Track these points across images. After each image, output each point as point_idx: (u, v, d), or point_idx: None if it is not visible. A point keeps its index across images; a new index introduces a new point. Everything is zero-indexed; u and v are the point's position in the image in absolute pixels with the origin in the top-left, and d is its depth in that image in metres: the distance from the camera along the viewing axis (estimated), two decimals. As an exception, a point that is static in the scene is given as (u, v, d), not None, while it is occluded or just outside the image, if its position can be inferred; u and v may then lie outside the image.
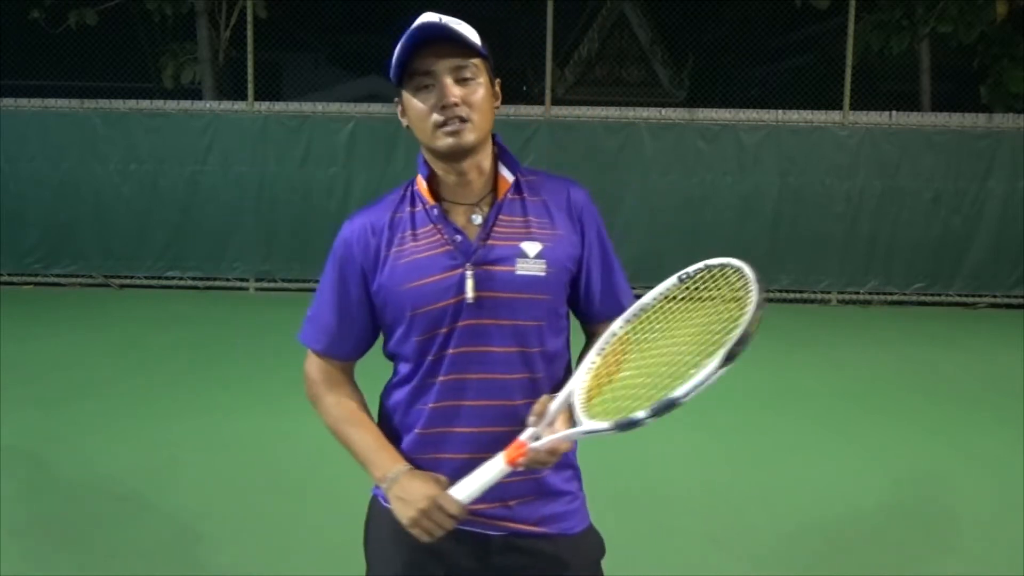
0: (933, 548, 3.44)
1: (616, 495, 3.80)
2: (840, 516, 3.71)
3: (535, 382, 1.49)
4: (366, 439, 1.53)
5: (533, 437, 1.36)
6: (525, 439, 1.36)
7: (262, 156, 9.05)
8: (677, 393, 1.23)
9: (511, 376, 1.48)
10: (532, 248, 1.48)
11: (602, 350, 1.44)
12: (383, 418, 1.59)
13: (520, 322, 1.48)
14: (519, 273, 1.46)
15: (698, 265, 1.41)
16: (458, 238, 1.47)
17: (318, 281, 1.59)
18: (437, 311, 1.46)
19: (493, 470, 1.36)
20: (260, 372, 6.02)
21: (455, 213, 1.51)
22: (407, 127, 1.51)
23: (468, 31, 1.45)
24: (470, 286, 1.45)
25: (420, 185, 1.53)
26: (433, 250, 1.48)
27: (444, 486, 1.39)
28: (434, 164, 1.51)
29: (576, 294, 1.57)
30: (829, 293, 9.22)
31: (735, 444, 4.66)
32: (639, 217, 8.96)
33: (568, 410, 1.38)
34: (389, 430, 1.56)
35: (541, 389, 1.48)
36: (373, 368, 1.74)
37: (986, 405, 5.51)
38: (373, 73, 17.05)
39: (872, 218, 9.01)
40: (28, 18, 10.36)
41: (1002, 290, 9.10)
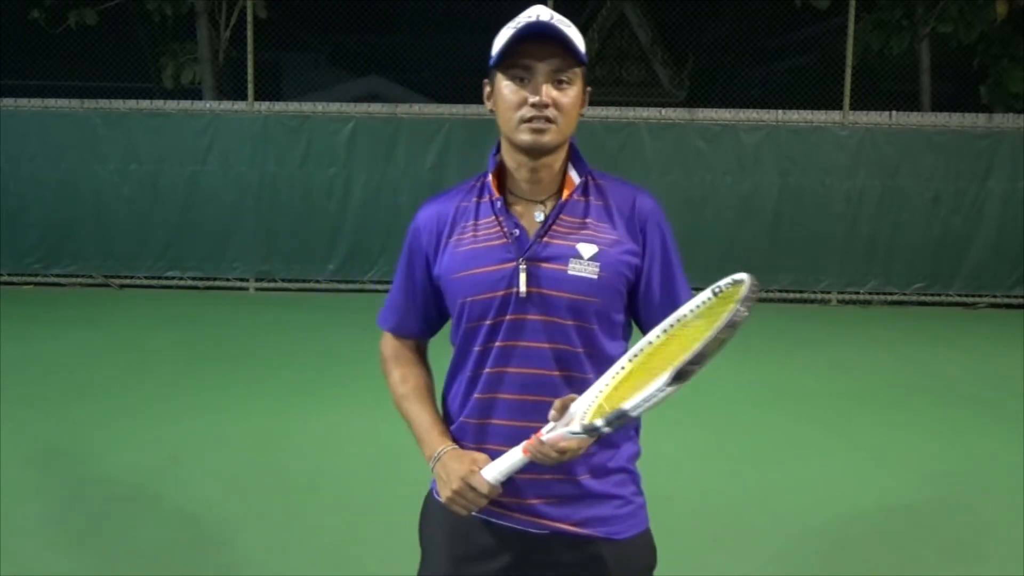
0: (933, 548, 3.44)
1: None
2: (840, 516, 3.70)
3: (583, 382, 1.46)
4: (421, 417, 1.58)
5: (550, 432, 1.37)
6: (543, 432, 1.37)
7: (262, 156, 9.04)
8: (627, 405, 1.24)
9: (550, 373, 1.49)
10: (587, 250, 1.49)
11: (635, 356, 1.41)
12: (443, 401, 1.64)
13: (566, 321, 1.48)
14: (571, 273, 1.47)
15: (727, 279, 1.36)
16: (516, 232, 1.49)
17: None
18: (486, 301, 1.49)
19: (514, 457, 1.39)
20: (260, 372, 6.01)
21: (519, 208, 1.53)
22: (491, 111, 1.53)
23: (575, 36, 1.47)
24: (523, 280, 1.47)
25: (490, 177, 1.55)
26: (491, 241, 1.51)
27: (481, 465, 1.43)
28: (508, 155, 1.53)
29: (635, 302, 1.56)
30: (829, 293, 9.22)
31: (735, 444, 4.66)
32: (639, 217, 8.94)
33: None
34: (445, 414, 1.62)
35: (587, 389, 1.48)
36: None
37: (986, 405, 5.51)
38: (373, 73, 17.05)
39: (872, 218, 9.01)
40: (28, 18, 10.37)
41: (1002, 290, 9.10)
